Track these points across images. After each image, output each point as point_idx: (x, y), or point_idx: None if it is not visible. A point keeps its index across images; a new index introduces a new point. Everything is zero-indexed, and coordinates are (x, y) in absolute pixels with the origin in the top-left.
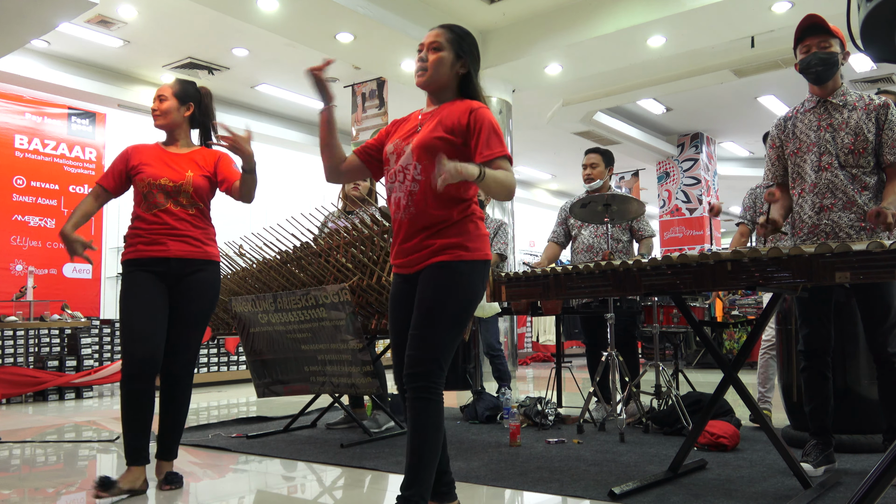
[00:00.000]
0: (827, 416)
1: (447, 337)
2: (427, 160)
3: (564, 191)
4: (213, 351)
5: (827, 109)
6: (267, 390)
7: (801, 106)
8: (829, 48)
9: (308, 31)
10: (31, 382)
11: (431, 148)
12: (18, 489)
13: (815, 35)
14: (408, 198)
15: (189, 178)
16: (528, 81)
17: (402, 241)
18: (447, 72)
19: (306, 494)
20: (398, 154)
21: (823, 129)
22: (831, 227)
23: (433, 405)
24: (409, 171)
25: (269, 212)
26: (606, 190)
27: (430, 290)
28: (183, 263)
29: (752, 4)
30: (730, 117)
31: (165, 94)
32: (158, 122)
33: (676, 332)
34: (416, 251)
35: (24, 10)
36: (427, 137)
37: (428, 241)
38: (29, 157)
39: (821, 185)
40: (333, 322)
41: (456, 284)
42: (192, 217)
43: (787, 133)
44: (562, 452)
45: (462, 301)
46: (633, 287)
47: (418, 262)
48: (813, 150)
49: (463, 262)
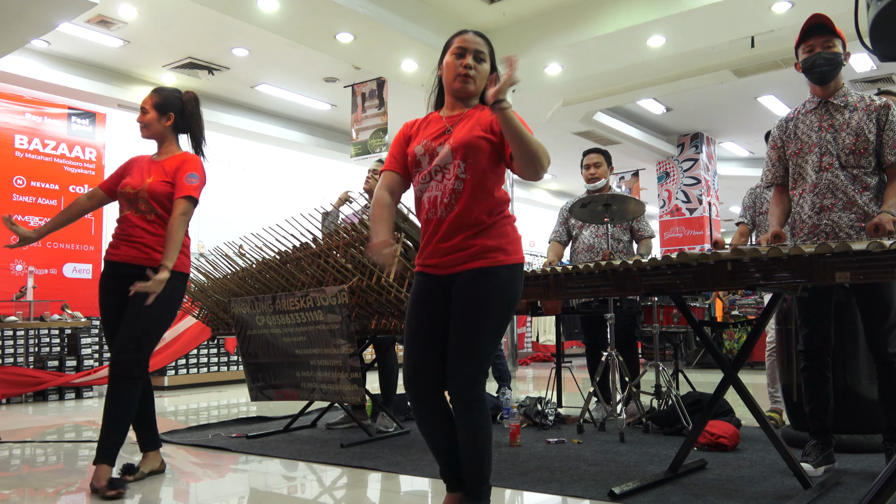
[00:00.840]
0: (827, 416)
1: (492, 345)
2: (472, 158)
3: (564, 191)
4: (213, 351)
5: (828, 110)
6: (260, 394)
7: (802, 107)
8: (833, 48)
9: (308, 31)
10: (31, 382)
11: (476, 146)
12: (18, 489)
13: (819, 35)
14: (450, 196)
15: (146, 185)
16: (528, 81)
17: (440, 241)
18: (483, 84)
19: (306, 494)
20: (430, 154)
21: (825, 130)
22: (831, 228)
23: (485, 411)
24: (451, 170)
25: (269, 212)
26: (607, 190)
27: (475, 298)
28: (130, 268)
29: (752, 4)
30: (730, 117)
31: (146, 106)
32: (142, 134)
33: (676, 332)
34: (455, 251)
35: (24, 10)
36: (470, 136)
37: (470, 242)
38: (29, 157)
39: (821, 186)
40: (329, 325)
41: (499, 290)
42: (149, 224)
43: (789, 134)
44: (562, 452)
45: (506, 307)
46: (633, 287)
47: (458, 262)
48: (814, 151)
49: (504, 266)
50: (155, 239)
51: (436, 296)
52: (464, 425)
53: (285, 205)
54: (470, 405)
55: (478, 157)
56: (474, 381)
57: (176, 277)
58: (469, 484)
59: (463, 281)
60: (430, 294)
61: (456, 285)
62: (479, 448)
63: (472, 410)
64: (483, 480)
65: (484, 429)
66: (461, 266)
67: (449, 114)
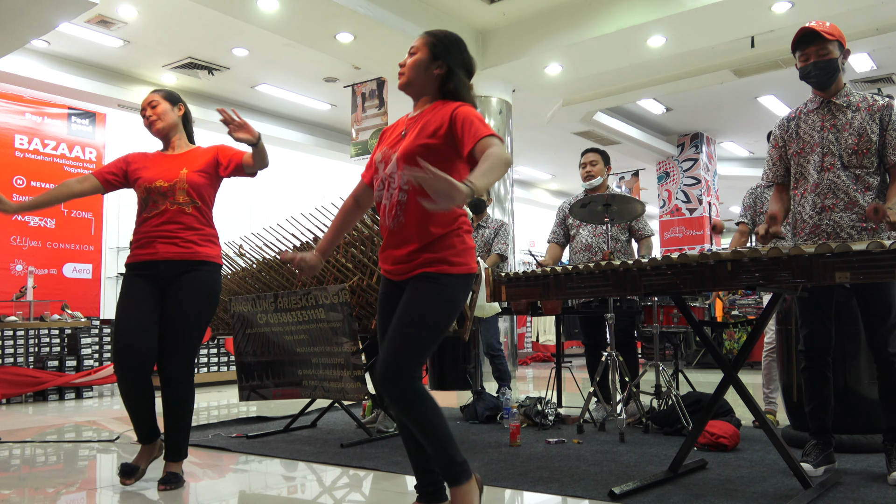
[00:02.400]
0: (827, 416)
1: (423, 339)
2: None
3: (564, 191)
4: (213, 351)
5: (830, 110)
6: (253, 393)
7: (804, 106)
8: (828, 55)
9: (308, 31)
10: (31, 382)
11: (414, 157)
12: (18, 489)
13: (810, 44)
14: (396, 207)
15: (183, 175)
16: (528, 81)
17: (391, 249)
18: (422, 73)
19: (306, 494)
20: (385, 162)
21: (827, 130)
22: (832, 228)
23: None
24: (395, 181)
25: (269, 212)
26: (605, 189)
27: (411, 297)
28: (171, 265)
29: (752, 4)
30: (730, 117)
31: (155, 100)
32: (157, 127)
33: (676, 332)
34: (403, 262)
35: (24, 10)
36: (411, 146)
37: (415, 255)
38: (29, 157)
39: (823, 186)
40: (331, 324)
41: (436, 292)
42: (187, 216)
43: (791, 133)
44: (562, 452)
45: (440, 308)
46: (633, 287)
47: (405, 272)
48: (816, 151)
49: (446, 275)
50: (195, 233)
51: (395, 298)
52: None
53: (285, 205)
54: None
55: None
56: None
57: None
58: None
59: (408, 287)
60: (391, 297)
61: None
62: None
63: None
64: (451, 461)
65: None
66: (409, 275)
67: (413, 114)
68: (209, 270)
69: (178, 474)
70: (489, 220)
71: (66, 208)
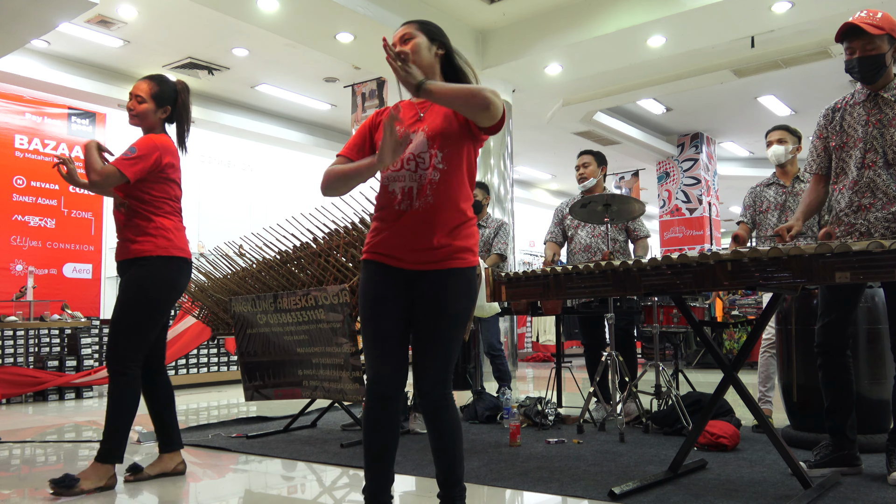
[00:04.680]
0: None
1: (459, 345)
2: (449, 148)
3: (564, 191)
4: (213, 351)
5: (877, 104)
6: (256, 393)
7: (850, 97)
8: (875, 50)
9: (308, 31)
10: (31, 382)
11: (450, 135)
12: (18, 489)
13: (856, 38)
14: (427, 187)
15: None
16: (528, 81)
17: (406, 234)
18: (427, 55)
19: (306, 494)
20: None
21: (872, 125)
22: (866, 228)
23: (454, 409)
24: (427, 160)
25: (269, 212)
26: (601, 189)
27: (450, 301)
28: (120, 266)
29: (752, 4)
30: (730, 117)
31: (143, 94)
32: (133, 123)
33: (676, 332)
34: (427, 249)
35: (24, 10)
36: (444, 125)
37: (444, 241)
38: (29, 157)
39: (861, 184)
40: (331, 324)
41: (468, 292)
42: (124, 214)
43: (835, 125)
44: (562, 452)
45: (471, 309)
46: (634, 287)
47: (427, 261)
48: (858, 146)
49: (472, 268)
50: (132, 229)
51: (395, 291)
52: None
53: (285, 205)
54: (444, 406)
55: (455, 146)
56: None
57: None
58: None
59: (436, 282)
60: (387, 288)
61: (424, 284)
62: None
63: (444, 411)
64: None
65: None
66: (432, 265)
67: (419, 100)
68: (142, 266)
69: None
70: (489, 220)
71: (65, 208)
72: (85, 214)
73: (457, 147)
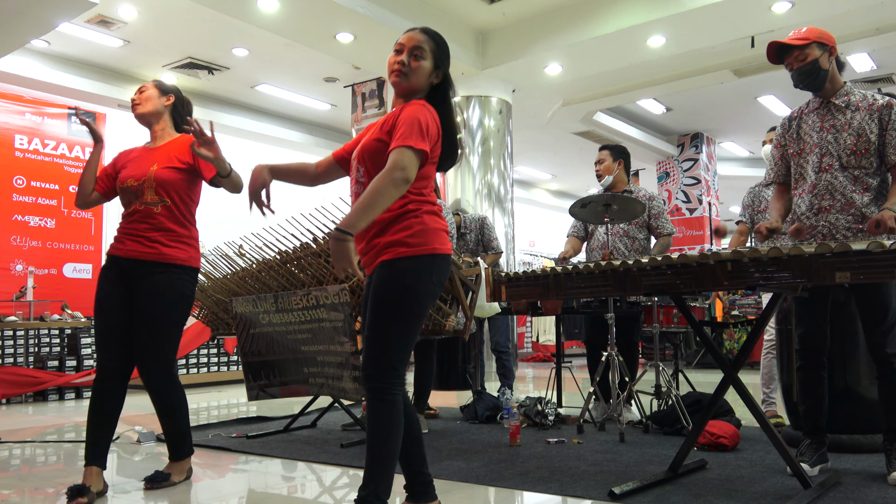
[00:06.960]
0: (821, 415)
1: (396, 334)
2: (370, 163)
3: (564, 191)
4: (213, 351)
5: (830, 110)
6: (262, 392)
7: (805, 106)
8: (806, 59)
9: (308, 31)
10: (31, 382)
11: (371, 151)
12: (18, 489)
13: (786, 55)
14: (353, 199)
15: (151, 173)
16: (528, 81)
17: (359, 241)
18: (424, 80)
19: (306, 494)
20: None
21: (826, 131)
22: (828, 230)
23: (385, 405)
24: (354, 174)
25: (269, 212)
26: (623, 185)
27: (376, 291)
28: (134, 264)
29: (752, 4)
30: (730, 117)
31: (145, 86)
32: (138, 111)
33: (676, 332)
34: (367, 252)
35: (24, 10)
36: (368, 140)
37: (374, 241)
38: (29, 157)
39: (820, 187)
40: (332, 323)
41: (396, 280)
42: (157, 215)
43: (791, 133)
44: (562, 452)
45: (403, 296)
46: (634, 287)
47: (370, 262)
48: (815, 151)
49: (403, 258)
50: (164, 233)
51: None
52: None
53: (285, 205)
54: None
55: (374, 161)
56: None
57: (187, 273)
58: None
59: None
60: (367, 287)
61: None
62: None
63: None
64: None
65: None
66: (372, 264)
67: (390, 111)
68: (177, 273)
69: (167, 473)
70: (468, 222)
71: (65, 208)
72: (85, 215)
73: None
